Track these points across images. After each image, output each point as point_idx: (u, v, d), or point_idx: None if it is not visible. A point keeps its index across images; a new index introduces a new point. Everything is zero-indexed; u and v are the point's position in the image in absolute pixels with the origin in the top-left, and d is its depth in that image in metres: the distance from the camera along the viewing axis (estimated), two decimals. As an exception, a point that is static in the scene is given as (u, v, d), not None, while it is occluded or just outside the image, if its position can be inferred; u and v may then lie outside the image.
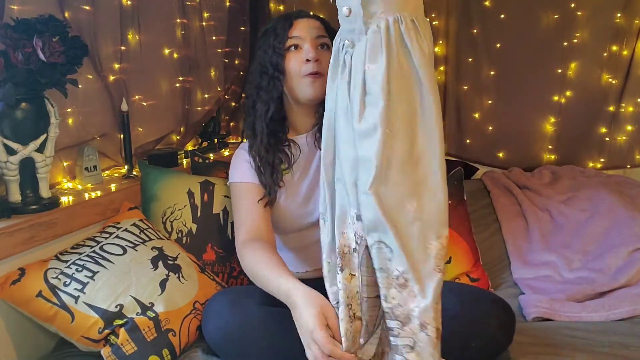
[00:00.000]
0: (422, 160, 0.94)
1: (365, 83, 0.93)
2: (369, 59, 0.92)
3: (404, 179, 0.94)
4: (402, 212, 0.94)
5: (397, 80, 0.92)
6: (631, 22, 2.19)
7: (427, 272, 0.94)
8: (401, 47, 0.91)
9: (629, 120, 2.26)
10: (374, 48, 0.92)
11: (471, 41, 2.34)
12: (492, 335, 1.28)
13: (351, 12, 0.95)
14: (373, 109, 0.92)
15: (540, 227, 1.97)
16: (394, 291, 0.96)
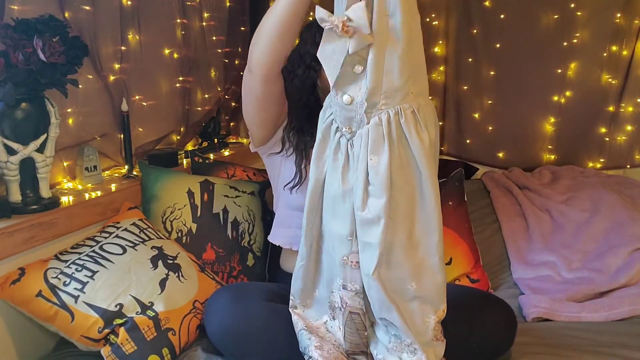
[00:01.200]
0: (421, 245, 1.00)
1: (368, 174, 0.98)
2: (371, 152, 0.96)
3: (404, 262, 1.00)
4: (403, 292, 1.02)
5: (399, 171, 0.97)
6: (631, 22, 2.18)
7: (428, 342, 1.05)
8: (401, 140, 0.96)
9: (629, 120, 2.26)
10: (376, 141, 0.96)
11: (471, 41, 2.34)
12: (494, 337, 1.29)
13: (353, 101, 0.97)
14: (376, 200, 0.97)
15: (540, 227, 1.97)
16: (405, 355, 1.06)
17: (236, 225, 1.68)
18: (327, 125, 1.01)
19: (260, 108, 1.37)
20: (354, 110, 0.97)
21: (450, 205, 1.79)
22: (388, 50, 0.93)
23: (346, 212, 1.02)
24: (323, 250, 1.11)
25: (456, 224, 1.77)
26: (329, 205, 1.06)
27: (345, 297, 1.08)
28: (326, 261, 1.11)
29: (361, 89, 0.96)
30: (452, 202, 1.79)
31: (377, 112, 0.96)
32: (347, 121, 0.98)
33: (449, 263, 1.72)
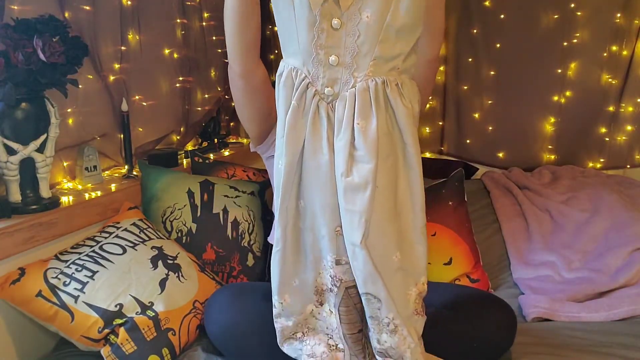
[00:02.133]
0: (403, 214, 0.99)
1: (355, 139, 0.96)
2: (358, 116, 0.95)
3: (389, 232, 0.98)
4: (388, 263, 0.99)
5: (384, 138, 0.96)
6: (631, 22, 2.18)
7: (408, 315, 1.01)
8: (387, 108, 0.96)
9: (629, 120, 2.25)
10: (364, 106, 0.95)
11: (471, 41, 2.34)
12: (494, 337, 1.29)
13: (339, 62, 0.96)
14: (365, 166, 0.96)
15: (540, 227, 1.97)
16: (385, 336, 1.01)
17: (236, 225, 1.68)
18: (302, 90, 0.97)
19: (247, 101, 1.35)
20: (340, 71, 0.96)
21: (450, 205, 1.79)
22: (388, 22, 0.93)
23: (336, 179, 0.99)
24: (303, 229, 1.03)
25: (456, 224, 1.77)
26: (311, 176, 1.00)
27: (339, 274, 1.03)
28: (309, 241, 1.03)
29: (347, 49, 0.95)
30: (452, 202, 1.79)
31: (365, 77, 0.95)
32: (331, 82, 0.97)
33: (449, 263, 1.72)
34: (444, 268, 1.71)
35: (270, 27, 2.51)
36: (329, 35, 0.95)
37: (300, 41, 0.96)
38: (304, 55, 0.97)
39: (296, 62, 0.98)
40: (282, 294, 1.06)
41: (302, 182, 1.01)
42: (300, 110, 0.98)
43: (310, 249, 1.04)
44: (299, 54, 0.97)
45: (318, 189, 1.00)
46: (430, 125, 2.46)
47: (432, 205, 1.77)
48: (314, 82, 0.98)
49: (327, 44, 0.95)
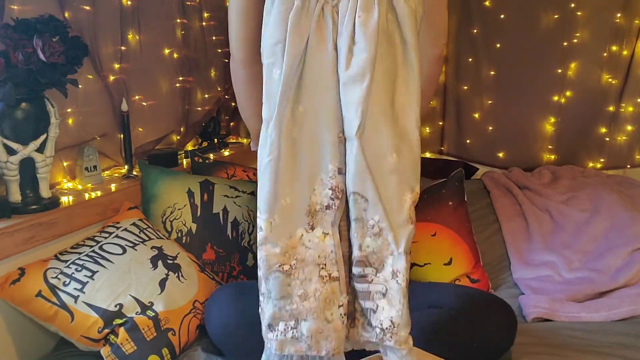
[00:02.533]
0: (401, 115, 0.97)
1: (355, 32, 0.95)
2: (360, 9, 0.94)
3: (386, 131, 0.96)
4: (383, 163, 0.97)
5: (384, 35, 0.95)
6: (631, 22, 2.18)
7: (401, 222, 0.97)
8: (390, 7, 0.95)
9: (629, 120, 2.25)
10: (366, 2, 0.94)
11: (471, 41, 2.34)
12: (494, 337, 1.29)
13: None
14: (361, 56, 0.94)
15: (540, 227, 1.97)
16: (368, 240, 0.98)
17: (236, 225, 1.68)
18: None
19: (250, 92, 1.30)
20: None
21: (450, 205, 1.79)
22: None
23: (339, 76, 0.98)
24: (299, 139, 0.98)
25: (456, 224, 1.77)
26: (315, 77, 0.97)
27: (340, 184, 0.99)
28: (305, 152, 0.98)
29: None
30: (452, 202, 1.79)
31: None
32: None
33: (449, 263, 1.72)
34: (444, 268, 1.70)
35: None
36: None
37: None
38: None
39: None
40: (271, 212, 0.98)
41: (303, 85, 0.97)
42: (304, 11, 0.96)
43: (307, 162, 0.99)
44: None
45: (322, 90, 0.98)
46: (430, 125, 2.46)
47: (432, 205, 1.77)
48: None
49: None
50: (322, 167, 0.99)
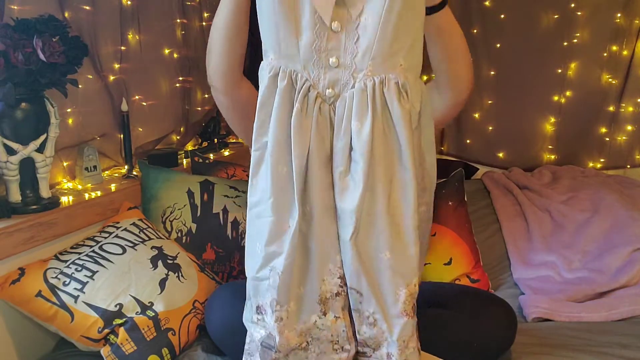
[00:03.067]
0: (397, 215, 1.00)
1: (352, 138, 0.97)
2: (355, 117, 0.96)
3: (380, 231, 0.99)
4: (376, 261, 1.01)
5: (380, 139, 0.97)
6: (631, 22, 2.18)
7: (395, 314, 1.02)
8: (384, 109, 0.96)
9: (629, 120, 2.26)
10: (360, 106, 0.96)
11: (471, 41, 2.32)
12: (494, 337, 1.28)
13: (339, 63, 0.97)
14: (357, 166, 0.97)
15: (540, 227, 1.97)
16: (364, 328, 1.04)
17: (236, 225, 1.68)
18: (304, 93, 0.98)
19: (237, 118, 1.31)
20: (340, 72, 0.97)
21: (450, 205, 1.79)
22: (383, 20, 0.94)
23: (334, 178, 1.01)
24: (309, 235, 1.02)
25: (456, 224, 1.77)
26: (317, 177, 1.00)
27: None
28: (314, 247, 1.02)
29: (347, 50, 0.96)
30: (452, 202, 1.79)
31: (364, 77, 0.96)
32: (332, 83, 0.98)
33: (449, 263, 1.72)
34: (444, 268, 1.71)
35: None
36: (329, 38, 0.96)
37: (301, 45, 0.97)
38: (304, 58, 0.97)
39: (294, 65, 0.98)
40: (287, 300, 1.04)
41: (307, 185, 1.00)
42: (303, 112, 0.98)
43: (315, 255, 1.03)
44: (297, 57, 0.98)
45: (325, 189, 1.00)
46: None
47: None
48: (315, 85, 0.98)
49: (328, 47, 0.96)
50: (330, 259, 1.03)
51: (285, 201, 1.00)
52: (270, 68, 0.99)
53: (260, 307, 1.08)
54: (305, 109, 0.98)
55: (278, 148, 0.99)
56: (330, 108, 0.99)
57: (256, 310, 1.08)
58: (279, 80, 0.98)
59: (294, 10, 0.95)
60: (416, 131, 1.02)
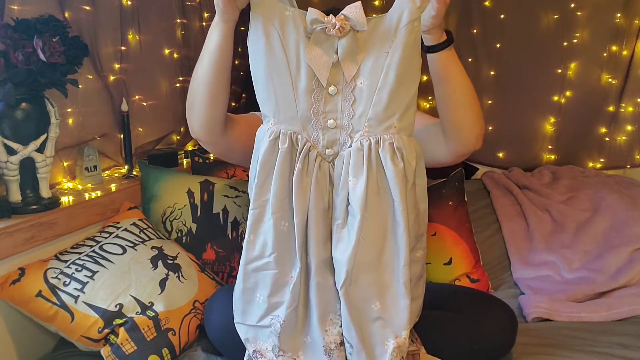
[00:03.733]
0: (388, 268, 1.03)
1: (348, 194, 1.02)
2: (351, 174, 1.02)
3: (371, 283, 1.03)
4: (367, 311, 1.04)
5: (374, 196, 1.02)
6: (631, 22, 2.18)
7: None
8: (379, 167, 1.02)
9: (629, 120, 2.25)
10: (356, 164, 1.02)
11: (471, 41, 2.34)
12: (494, 339, 1.28)
13: (337, 125, 1.04)
14: (353, 219, 1.02)
15: (540, 227, 1.97)
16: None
17: (236, 225, 1.68)
18: (305, 153, 1.03)
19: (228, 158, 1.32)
20: (338, 133, 1.04)
21: (450, 205, 1.79)
22: (380, 86, 1.00)
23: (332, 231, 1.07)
24: (311, 286, 1.06)
25: (456, 224, 1.77)
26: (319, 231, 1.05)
27: None
28: (314, 298, 1.06)
29: (344, 113, 1.03)
30: (452, 202, 1.79)
31: (360, 137, 1.02)
32: (331, 143, 1.04)
33: (449, 263, 1.72)
34: (444, 268, 1.71)
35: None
36: (326, 102, 1.02)
37: (299, 109, 1.02)
38: (303, 120, 1.03)
39: (294, 127, 1.03)
40: (295, 350, 1.08)
41: (308, 238, 1.04)
42: (304, 171, 1.03)
43: (316, 305, 1.06)
44: (296, 120, 1.03)
45: (323, 242, 1.05)
46: (430, 125, 2.46)
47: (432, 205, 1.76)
48: (315, 145, 1.04)
49: (325, 110, 1.02)
50: (330, 308, 1.06)
51: (287, 255, 1.05)
52: (270, 132, 1.03)
53: (257, 351, 1.12)
54: (306, 168, 1.03)
55: (280, 205, 1.04)
56: (330, 165, 1.04)
57: (253, 353, 1.12)
58: (279, 143, 1.03)
59: (291, 78, 1.01)
60: (412, 187, 1.05)
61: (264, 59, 1.01)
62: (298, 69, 1.00)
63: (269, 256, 1.05)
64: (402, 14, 1.00)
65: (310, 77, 1.00)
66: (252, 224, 1.07)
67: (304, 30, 1.00)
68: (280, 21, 1.00)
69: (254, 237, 1.07)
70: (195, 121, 1.21)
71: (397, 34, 1.00)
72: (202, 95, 1.17)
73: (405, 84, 1.01)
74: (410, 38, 1.00)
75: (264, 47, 1.01)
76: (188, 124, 1.25)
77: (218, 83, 1.15)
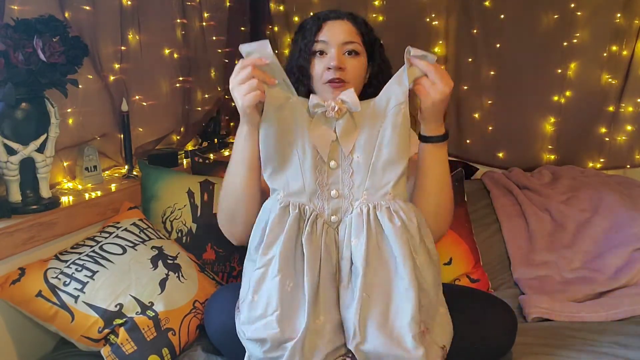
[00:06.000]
0: (396, 323, 1.08)
1: (352, 254, 1.11)
2: (353, 235, 1.11)
3: (379, 338, 1.07)
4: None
5: (375, 254, 1.10)
6: (631, 22, 2.18)
7: None
8: (378, 228, 1.11)
9: (629, 120, 2.25)
10: (357, 227, 1.11)
11: (471, 41, 2.34)
12: (495, 339, 1.29)
13: (339, 195, 1.14)
14: (357, 279, 1.09)
15: (540, 227, 1.97)
16: None
17: (236, 225, 1.68)
18: (313, 221, 1.13)
19: None
20: (340, 201, 1.14)
21: (450, 205, 1.78)
22: (374, 160, 1.13)
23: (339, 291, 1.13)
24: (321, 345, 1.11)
25: (456, 224, 1.76)
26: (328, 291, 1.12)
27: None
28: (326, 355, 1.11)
29: (344, 184, 1.15)
30: (452, 202, 1.79)
31: (360, 204, 1.13)
32: (335, 211, 1.15)
33: (449, 263, 1.72)
34: (444, 268, 1.71)
35: (271, 27, 2.51)
36: (329, 175, 1.14)
37: (306, 182, 1.14)
38: (310, 192, 1.14)
39: (302, 199, 1.14)
40: None
41: (319, 299, 1.10)
42: (313, 234, 1.12)
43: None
44: (304, 192, 1.14)
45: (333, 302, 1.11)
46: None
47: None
48: (321, 214, 1.14)
49: (329, 182, 1.14)
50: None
51: (290, 314, 1.09)
52: (280, 202, 1.15)
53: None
54: (315, 232, 1.12)
55: (285, 265, 1.11)
56: (335, 231, 1.14)
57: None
58: (290, 209, 1.14)
59: (299, 157, 1.14)
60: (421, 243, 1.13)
61: (276, 142, 1.14)
62: (304, 148, 1.14)
63: (272, 314, 1.10)
64: (390, 97, 1.12)
65: (314, 154, 1.13)
66: (256, 284, 1.13)
67: (307, 114, 1.14)
68: (287, 108, 1.13)
69: (257, 298, 1.13)
70: (241, 231, 1.27)
71: (386, 115, 1.12)
72: (244, 203, 1.24)
73: (396, 158, 1.13)
74: (397, 119, 1.12)
75: (275, 132, 1.14)
76: (229, 237, 1.32)
77: (255, 183, 1.23)
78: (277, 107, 1.13)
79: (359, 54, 1.28)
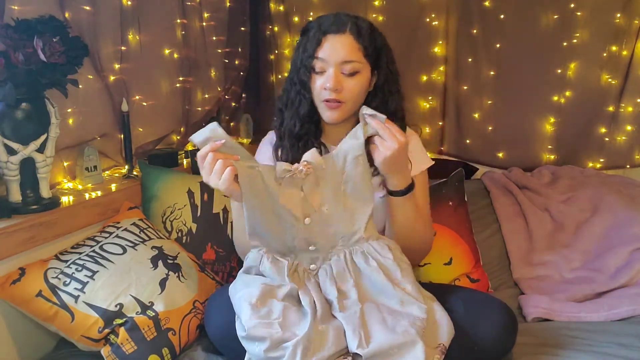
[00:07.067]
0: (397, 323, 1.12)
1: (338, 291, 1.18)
2: (337, 279, 1.19)
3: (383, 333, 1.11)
4: None
5: (360, 289, 1.18)
6: (631, 22, 2.18)
7: None
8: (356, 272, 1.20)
9: (629, 120, 2.25)
10: (341, 272, 1.20)
11: (471, 41, 2.34)
12: (495, 339, 1.28)
13: (316, 247, 1.21)
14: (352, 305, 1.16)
15: (540, 227, 1.97)
16: None
17: (236, 225, 1.68)
18: (294, 270, 1.21)
19: None
20: (318, 252, 1.21)
21: (450, 205, 1.79)
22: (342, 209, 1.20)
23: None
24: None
25: (456, 224, 1.77)
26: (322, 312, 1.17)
27: None
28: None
29: (319, 236, 1.21)
30: (452, 202, 1.79)
31: (336, 251, 1.21)
32: (314, 260, 1.22)
33: (449, 263, 1.72)
34: (444, 268, 1.71)
35: (271, 27, 2.51)
36: (305, 231, 1.20)
37: (287, 240, 1.20)
38: (290, 248, 1.21)
39: (285, 255, 1.21)
40: None
41: (320, 314, 1.15)
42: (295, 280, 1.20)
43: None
44: (286, 249, 1.21)
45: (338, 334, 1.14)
46: (430, 125, 2.46)
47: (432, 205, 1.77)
48: (301, 264, 1.22)
49: (305, 237, 1.20)
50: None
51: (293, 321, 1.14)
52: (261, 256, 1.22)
53: None
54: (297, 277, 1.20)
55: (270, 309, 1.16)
56: (315, 277, 1.21)
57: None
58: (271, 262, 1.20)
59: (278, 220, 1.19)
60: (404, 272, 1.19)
61: (261, 215, 1.19)
62: (278, 212, 1.19)
63: (274, 320, 1.13)
64: (348, 152, 1.19)
65: (291, 217, 1.18)
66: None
67: (274, 180, 1.18)
68: (257, 178, 1.18)
69: (260, 304, 1.16)
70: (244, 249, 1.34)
71: (345, 168, 1.19)
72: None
73: (361, 204, 1.21)
74: (357, 170, 1.19)
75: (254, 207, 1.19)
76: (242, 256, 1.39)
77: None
78: (250, 181, 1.17)
79: (359, 72, 1.27)
